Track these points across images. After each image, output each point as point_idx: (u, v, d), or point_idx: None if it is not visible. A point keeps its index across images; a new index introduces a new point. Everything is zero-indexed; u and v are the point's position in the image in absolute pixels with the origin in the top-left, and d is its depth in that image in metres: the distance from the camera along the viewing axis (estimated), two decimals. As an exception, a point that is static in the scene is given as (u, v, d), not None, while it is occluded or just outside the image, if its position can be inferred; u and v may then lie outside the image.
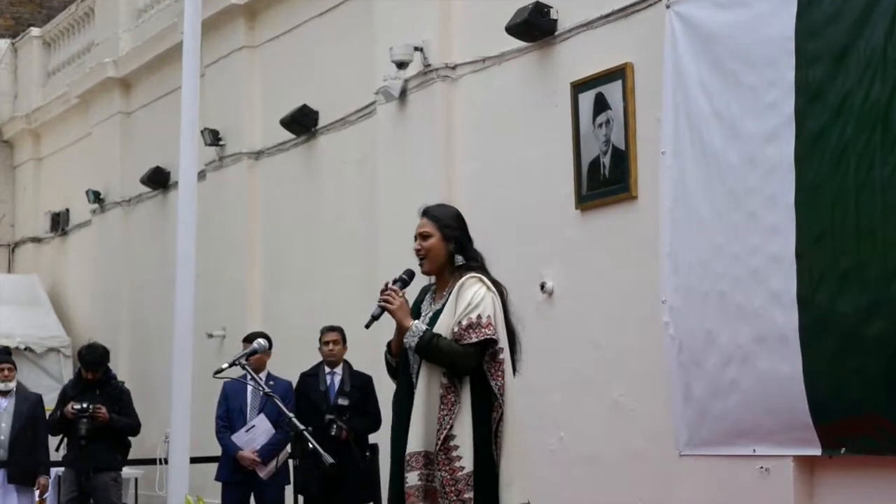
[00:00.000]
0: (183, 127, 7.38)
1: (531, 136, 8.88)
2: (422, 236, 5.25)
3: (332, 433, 8.88)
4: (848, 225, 6.10)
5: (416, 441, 5.02)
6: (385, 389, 9.33)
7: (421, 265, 5.27)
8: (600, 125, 8.19)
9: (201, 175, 11.86)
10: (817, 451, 6.45)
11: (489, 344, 5.02)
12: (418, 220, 5.32)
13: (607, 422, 8.09)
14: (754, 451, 6.79)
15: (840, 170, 6.15)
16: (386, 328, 5.36)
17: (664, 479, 7.52)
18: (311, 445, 5.40)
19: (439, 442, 4.96)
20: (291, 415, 5.67)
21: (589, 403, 8.25)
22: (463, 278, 5.13)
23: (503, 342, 5.08)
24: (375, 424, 9.14)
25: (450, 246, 5.21)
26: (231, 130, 12.79)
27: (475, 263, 5.23)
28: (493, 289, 5.13)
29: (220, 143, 12.82)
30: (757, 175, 6.60)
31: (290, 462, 9.41)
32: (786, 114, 6.46)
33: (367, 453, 9.23)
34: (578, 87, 8.37)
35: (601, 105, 8.19)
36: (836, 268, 6.17)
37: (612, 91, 8.10)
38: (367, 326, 5.27)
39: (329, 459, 5.22)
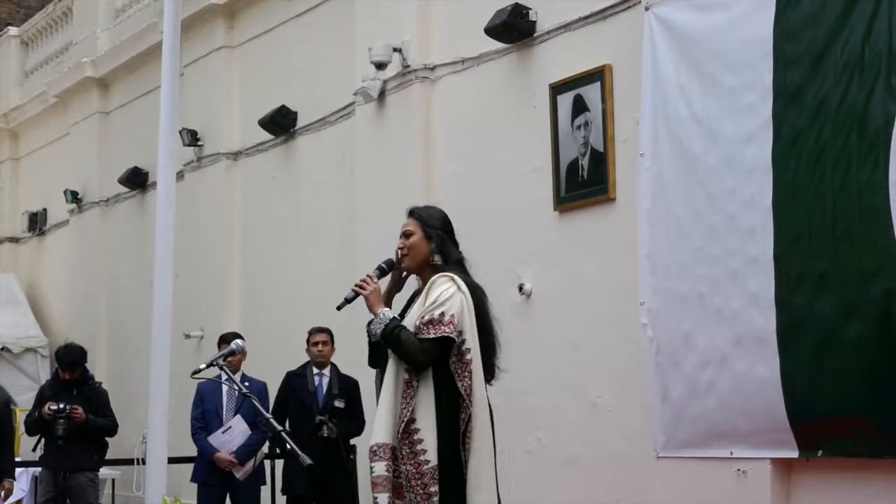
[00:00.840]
0: (161, 127, 7.34)
1: (510, 137, 8.86)
2: (404, 234, 5.27)
3: (324, 434, 8.88)
4: (825, 226, 6.10)
5: (382, 433, 5.00)
6: (370, 393, 9.26)
7: (402, 262, 5.27)
8: (579, 127, 8.17)
9: (179, 175, 11.79)
10: (794, 454, 6.45)
11: (450, 343, 5.00)
12: (405, 220, 5.32)
13: (585, 423, 8.08)
14: (731, 453, 6.79)
15: (817, 172, 6.15)
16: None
17: (642, 480, 7.51)
18: (288, 446, 5.38)
19: (399, 433, 4.95)
20: (269, 415, 5.65)
21: (567, 405, 8.23)
22: (434, 276, 5.13)
23: (471, 343, 5.03)
24: (360, 430, 9.14)
25: (431, 245, 5.22)
26: (209, 131, 12.73)
27: (453, 264, 5.21)
28: (465, 289, 5.10)
29: (199, 143, 12.77)
30: (735, 177, 6.60)
31: (267, 463, 9.38)
32: (764, 116, 6.46)
33: (352, 456, 9.21)
34: (557, 88, 8.35)
35: (580, 107, 8.17)
36: (814, 269, 6.17)
37: (591, 93, 8.09)
38: (339, 308, 5.30)
39: (307, 460, 5.21)
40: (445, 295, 5.04)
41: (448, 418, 4.97)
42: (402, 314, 5.19)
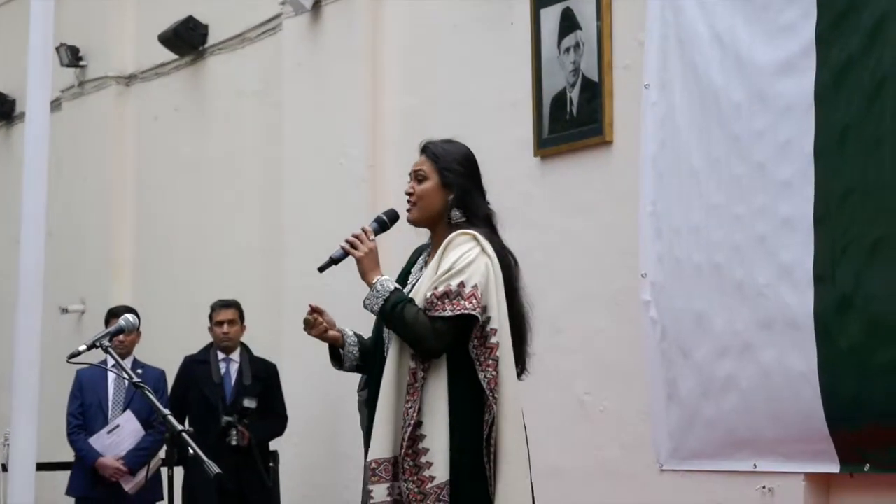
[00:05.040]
0: (32, 42, 7.26)
1: (479, 62, 8.87)
2: (416, 176, 5.18)
3: (234, 441, 8.86)
4: (883, 180, 6.08)
5: (382, 444, 4.93)
6: (291, 381, 9.30)
7: (409, 211, 5.20)
8: (567, 50, 8.19)
9: (56, 104, 11.71)
10: (835, 468, 6.48)
11: (471, 322, 4.92)
12: (418, 156, 5.26)
13: (570, 426, 8.11)
14: (755, 465, 6.83)
15: (874, 110, 6.13)
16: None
17: (641, 498, 7.55)
18: (191, 451, 5.33)
19: (403, 443, 4.87)
20: (167, 411, 5.59)
21: (547, 403, 8.22)
22: (452, 234, 5.03)
23: (497, 323, 4.95)
24: (281, 428, 9.21)
25: (448, 195, 5.14)
26: (95, 48, 12.70)
27: (478, 221, 5.13)
28: (491, 252, 5.02)
29: (81, 63, 12.75)
30: (767, 116, 6.60)
31: (164, 471, 9.38)
32: (805, 38, 6.45)
33: (272, 464, 9.23)
34: (540, 0, 8.31)
35: (569, 24, 8.17)
36: (866, 236, 6.18)
37: (584, 6, 8.08)
38: (321, 270, 5.16)
39: (214, 468, 5.17)
40: (466, 259, 4.96)
41: (469, 421, 4.90)
42: (402, 281, 5.12)
